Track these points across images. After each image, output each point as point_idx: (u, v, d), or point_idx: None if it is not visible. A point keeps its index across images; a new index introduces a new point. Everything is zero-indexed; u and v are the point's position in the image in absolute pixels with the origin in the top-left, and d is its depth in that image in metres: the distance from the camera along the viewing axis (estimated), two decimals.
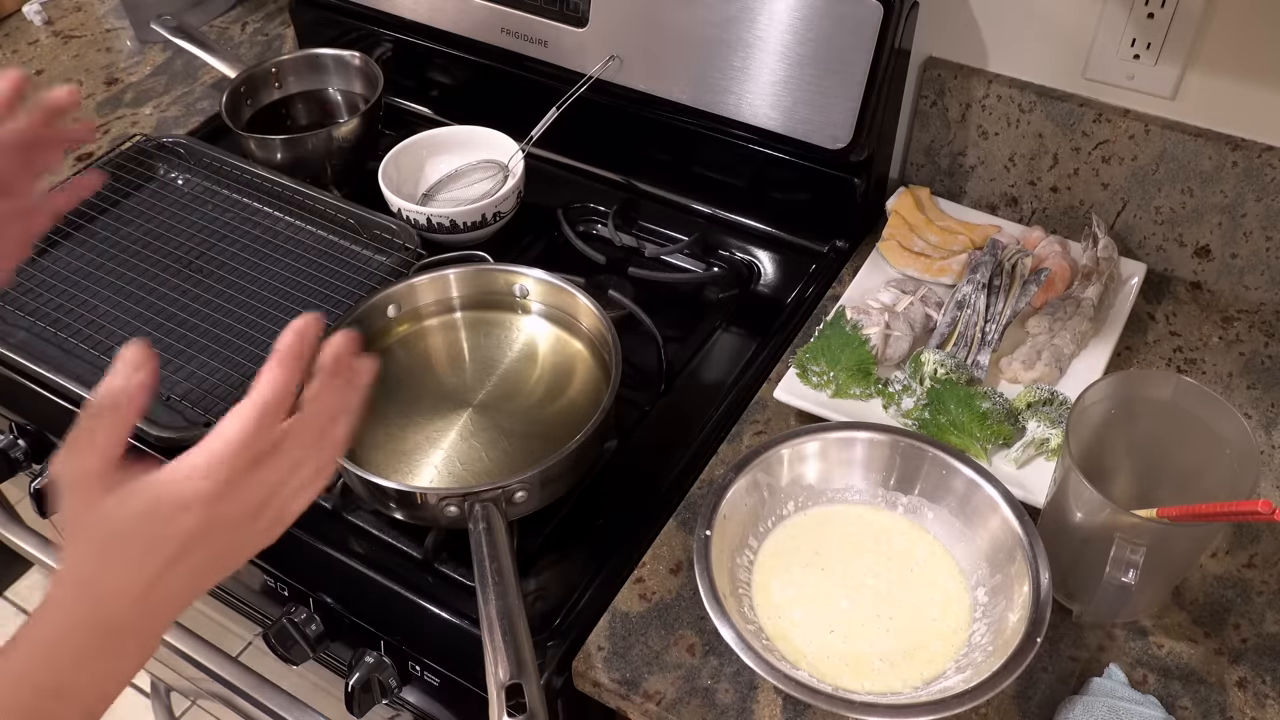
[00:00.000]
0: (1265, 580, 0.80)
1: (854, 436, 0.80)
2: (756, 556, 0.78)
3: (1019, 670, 0.66)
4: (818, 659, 0.72)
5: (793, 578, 0.77)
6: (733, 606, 0.71)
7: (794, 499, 0.80)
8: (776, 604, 0.75)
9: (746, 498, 0.78)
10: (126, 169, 1.15)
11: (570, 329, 0.95)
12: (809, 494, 0.81)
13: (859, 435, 0.80)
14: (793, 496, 0.80)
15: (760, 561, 0.78)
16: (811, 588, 0.76)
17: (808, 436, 0.80)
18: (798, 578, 0.77)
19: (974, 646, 0.72)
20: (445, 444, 0.87)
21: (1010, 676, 0.66)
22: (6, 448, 1.00)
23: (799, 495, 0.80)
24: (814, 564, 0.77)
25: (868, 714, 0.66)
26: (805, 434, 0.80)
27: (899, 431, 0.80)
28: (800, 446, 0.80)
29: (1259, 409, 0.92)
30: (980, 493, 0.76)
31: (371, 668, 0.82)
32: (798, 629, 0.74)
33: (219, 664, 0.96)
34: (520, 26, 1.12)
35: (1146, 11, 0.92)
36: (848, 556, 0.78)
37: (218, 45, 1.30)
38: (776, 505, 0.80)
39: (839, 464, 0.81)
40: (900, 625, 0.74)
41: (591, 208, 1.15)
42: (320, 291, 1.01)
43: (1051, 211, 1.07)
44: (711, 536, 0.74)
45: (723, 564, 0.74)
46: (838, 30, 0.95)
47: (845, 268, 1.06)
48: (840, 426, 0.82)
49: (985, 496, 0.76)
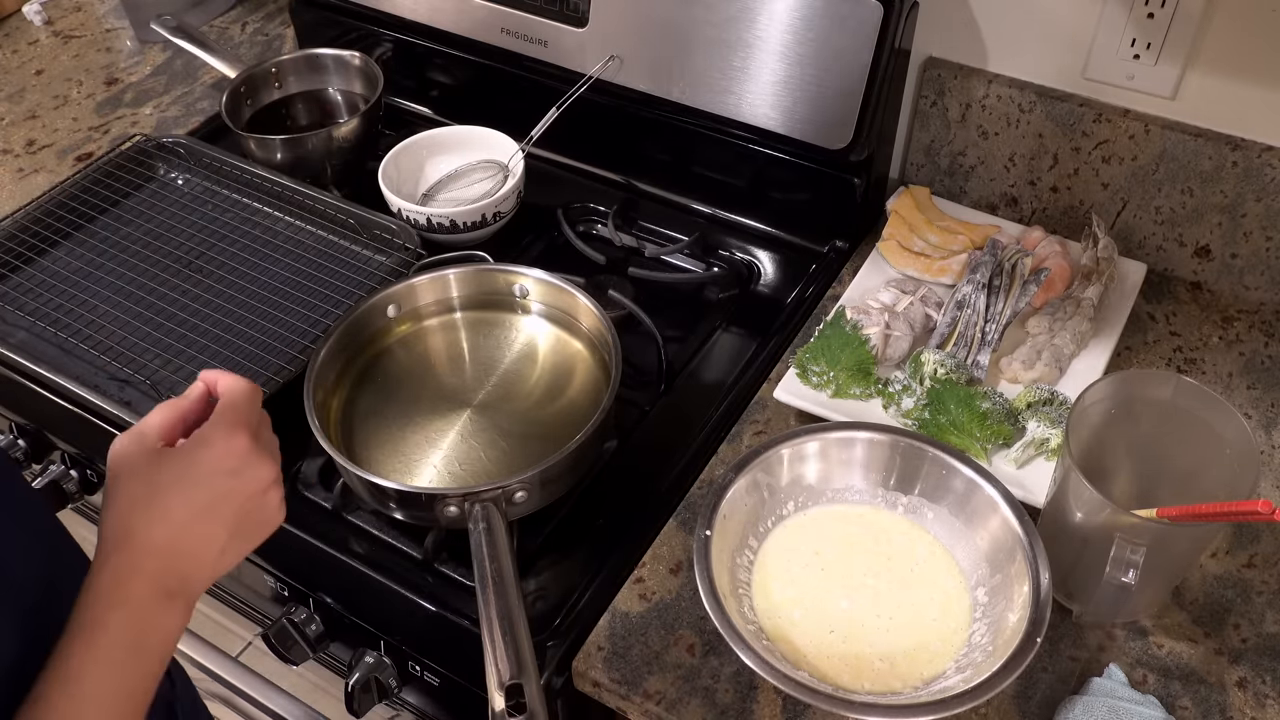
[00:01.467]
0: (1265, 580, 0.80)
1: (854, 436, 0.80)
2: (756, 556, 0.78)
3: (1019, 670, 0.66)
4: (817, 659, 0.72)
5: (792, 577, 0.77)
6: (732, 606, 0.71)
7: (794, 499, 0.80)
8: (776, 604, 0.75)
9: (746, 498, 0.78)
10: (126, 169, 1.15)
11: (570, 329, 0.95)
12: (809, 494, 0.81)
13: (859, 435, 0.80)
14: (793, 496, 0.80)
15: (760, 561, 0.78)
16: (811, 588, 0.76)
17: (808, 436, 0.80)
18: (797, 577, 0.77)
19: (974, 646, 0.71)
20: (445, 444, 0.87)
21: (1010, 676, 0.65)
22: (6, 447, 1.00)
23: (799, 495, 0.80)
24: (814, 564, 0.77)
25: (867, 714, 0.66)
26: (805, 434, 0.80)
27: (899, 431, 0.80)
28: (800, 446, 0.80)
29: (1259, 409, 0.92)
30: (980, 493, 0.76)
31: (371, 668, 0.82)
32: (797, 629, 0.73)
33: (219, 664, 0.96)
34: (520, 26, 1.12)
35: (1146, 11, 0.92)
36: (847, 556, 0.78)
37: (218, 45, 1.30)
38: (776, 505, 0.80)
39: (839, 464, 0.81)
40: (900, 625, 0.74)
41: (591, 208, 1.15)
42: (320, 291, 1.01)
43: (1051, 211, 1.07)
44: (712, 536, 0.74)
45: (723, 564, 0.74)
46: (838, 30, 0.95)
47: (845, 268, 1.06)
48: (840, 426, 0.82)
49: (985, 496, 0.76)
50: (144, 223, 1.10)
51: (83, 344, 0.97)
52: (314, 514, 0.87)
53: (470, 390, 0.91)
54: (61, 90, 1.34)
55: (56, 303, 1.01)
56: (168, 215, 1.11)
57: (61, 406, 0.95)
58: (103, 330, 0.98)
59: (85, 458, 0.97)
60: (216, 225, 1.10)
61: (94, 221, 1.10)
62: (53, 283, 1.03)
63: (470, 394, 0.91)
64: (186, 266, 1.05)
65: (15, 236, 1.07)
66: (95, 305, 1.01)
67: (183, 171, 1.16)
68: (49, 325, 0.99)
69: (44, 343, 0.98)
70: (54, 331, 0.98)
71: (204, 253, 1.07)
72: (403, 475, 0.84)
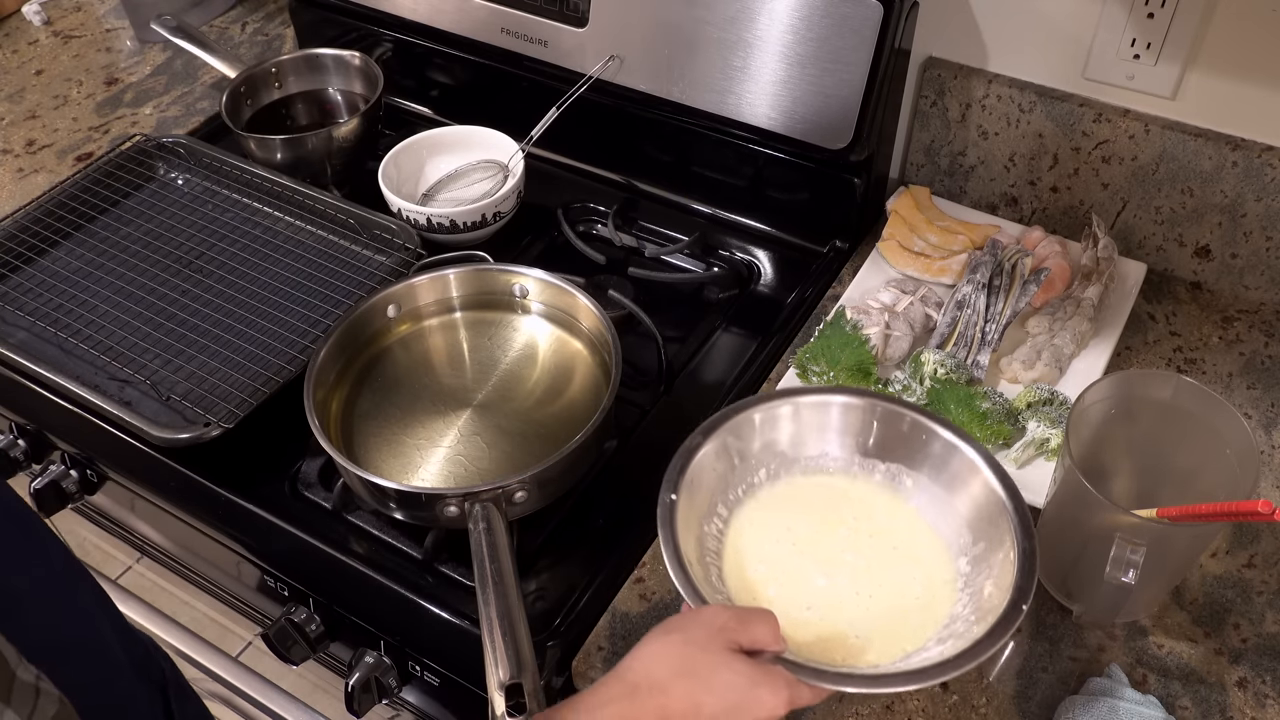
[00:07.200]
0: (1265, 580, 0.80)
1: (829, 400, 0.76)
2: (727, 527, 0.74)
3: (1003, 638, 0.62)
4: (795, 638, 0.68)
5: (765, 554, 0.73)
6: (699, 574, 0.68)
7: (766, 466, 0.76)
8: (750, 581, 0.72)
9: (716, 463, 0.74)
10: (126, 169, 1.15)
11: (570, 329, 0.95)
12: (782, 461, 0.77)
13: (834, 399, 0.76)
14: (765, 464, 0.76)
15: (731, 534, 0.74)
16: (787, 565, 0.72)
17: (780, 400, 0.76)
18: (770, 554, 0.73)
19: (956, 618, 0.68)
20: (445, 444, 0.87)
21: (994, 645, 0.62)
22: (6, 447, 1.00)
23: (771, 462, 0.76)
24: (787, 539, 0.74)
25: (843, 684, 0.63)
26: (778, 397, 0.77)
27: (876, 395, 0.77)
28: (773, 410, 0.76)
29: (1259, 409, 0.92)
30: (960, 455, 0.73)
31: (371, 668, 0.82)
32: (773, 607, 0.69)
33: (219, 664, 0.96)
34: (520, 26, 1.12)
35: (1146, 11, 0.92)
36: (824, 531, 0.74)
37: (218, 45, 1.30)
38: (748, 472, 0.76)
39: (813, 429, 0.77)
40: (881, 602, 0.70)
41: (591, 208, 1.15)
42: (320, 291, 1.01)
43: (1051, 211, 1.07)
44: (678, 501, 0.70)
45: (690, 530, 0.70)
46: (838, 30, 0.95)
47: (845, 268, 1.06)
48: (815, 390, 0.78)
49: (965, 459, 0.72)
50: (144, 223, 1.10)
51: (83, 344, 0.97)
52: (314, 514, 0.87)
53: (470, 390, 0.91)
54: (61, 90, 1.34)
55: (56, 303, 1.01)
56: (168, 215, 1.11)
57: (61, 406, 0.95)
58: (103, 330, 0.98)
59: (85, 458, 0.97)
60: (216, 225, 1.10)
61: (94, 221, 1.10)
62: (53, 283, 1.03)
63: (470, 394, 0.91)
64: (186, 266, 1.05)
65: (15, 236, 1.07)
66: (95, 305, 1.01)
67: (183, 171, 1.16)
68: (49, 325, 0.99)
69: (44, 343, 0.98)
70: (54, 331, 0.98)
71: (204, 253, 1.07)
72: (403, 475, 0.84)
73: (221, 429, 0.87)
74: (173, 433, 0.89)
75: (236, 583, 0.95)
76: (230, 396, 0.91)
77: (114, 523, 1.06)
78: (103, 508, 1.04)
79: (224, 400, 0.90)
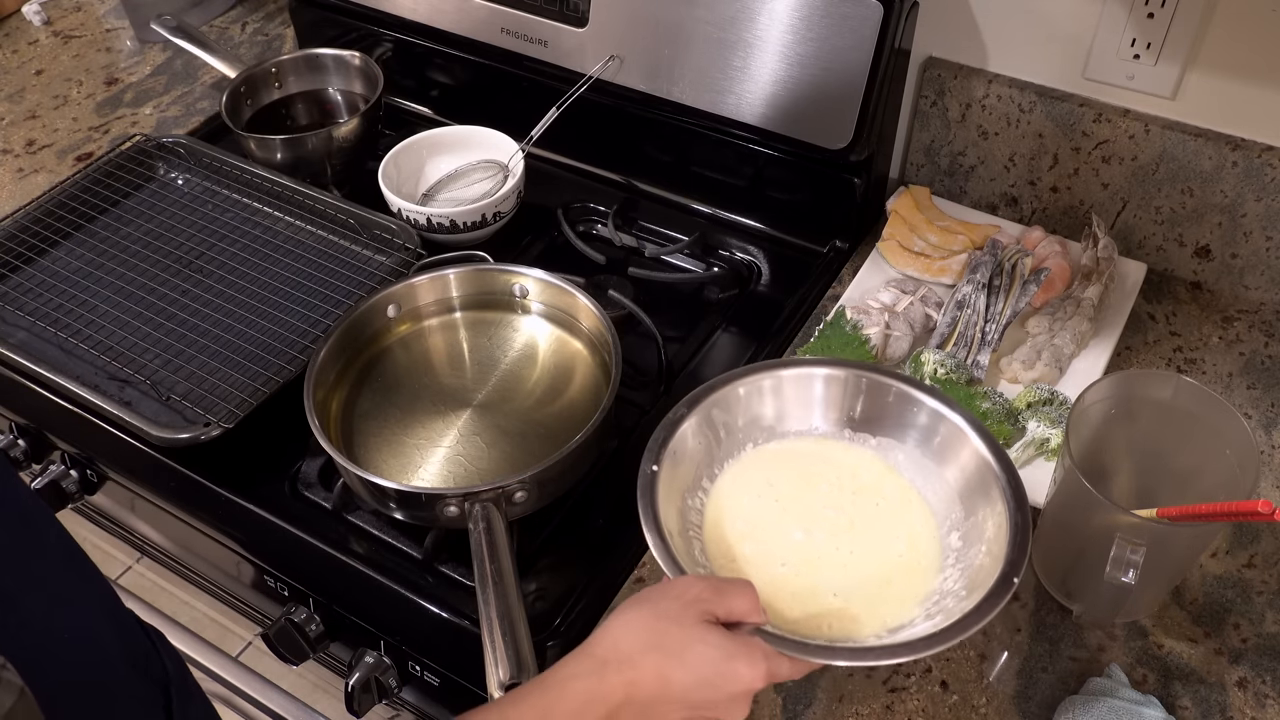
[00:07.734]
0: (1265, 580, 0.80)
1: (812, 372, 0.76)
2: (709, 498, 0.73)
3: (993, 612, 0.60)
4: (768, 595, 0.65)
5: (744, 510, 0.71)
6: (679, 547, 0.66)
7: (752, 440, 0.76)
8: (728, 540, 0.70)
9: (699, 436, 0.73)
10: (126, 169, 1.15)
11: (570, 329, 0.95)
12: (768, 435, 0.76)
13: (818, 371, 0.76)
14: (751, 438, 0.75)
15: (713, 500, 0.73)
16: (764, 520, 0.71)
17: (764, 372, 0.76)
18: (749, 509, 0.71)
19: (945, 593, 0.66)
20: (445, 444, 0.87)
21: (984, 619, 0.60)
22: (6, 447, 1.00)
23: (757, 436, 0.76)
24: (768, 494, 0.72)
25: (830, 658, 0.61)
26: (761, 369, 0.76)
27: (860, 365, 0.76)
28: (757, 382, 0.75)
29: (1259, 409, 0.92)
30: (947, 423, 0.72)
31: (371, 668, 0.82)
32: (750, 565, 0.68)
33: (219, 664, 0.96)
34: (520, 26, 1.12)
35: (1146, 11, 0.92)
36: (807, 488, 0.73)
37: (218, 45, 1.30)
38: (734, 447, 0.75)
39: (799, 402, 0.76)
40: (861, 560, 0.69)
41: (591, 208, 1.15)
42: (320, 291, 1.01)
43: (1051, 211, 1.07)
44: (659, 473, 0.68)
45: (671, 503, 0.69)
46: (838, 30, 0.95)
47: (845, 268, 1.06)
48: (799, 363, 0.77)
49: (953, 426, 0.71)
50: (144, 223, 1.10)
51: (83, 344, 0.97)
52: (314, 514, 0.87)
53: (470, 390, 0.91)
54: (61, 90, 1.35)
55: (56, 303, 1.01)
56: (168, 215, 1.11)
57: (61, 406, 0.95)
58: (103, 330, 0.98)
59: (85, 458, 0.97)
60: (216, 225, 1.10)
61: (94, 221, 1.10)
62: (53, 283, 1.03)
63: (470, 394, 0.91)
64: (186, 266, 1.05)
65: (15, 236, 1.07)
66: (95, 305, 1.01)
67: (183, 171, 1.16)
68: (49, 325, 0.99)
69: (44, 343, 0.98)
70: (54, 331, 0.98)
71: (204, 253, 1.07)
72: (403, 475, 0.84)
73: (221, 429, 0.88)
74: (173, 433, 0.89)
75: (236, 583, 0.95)
76: (230, 396, 0.91)
77: (114, 523, 1.06)
78: (103, 508, 1.04)
79: (224, 400, 0.90)
